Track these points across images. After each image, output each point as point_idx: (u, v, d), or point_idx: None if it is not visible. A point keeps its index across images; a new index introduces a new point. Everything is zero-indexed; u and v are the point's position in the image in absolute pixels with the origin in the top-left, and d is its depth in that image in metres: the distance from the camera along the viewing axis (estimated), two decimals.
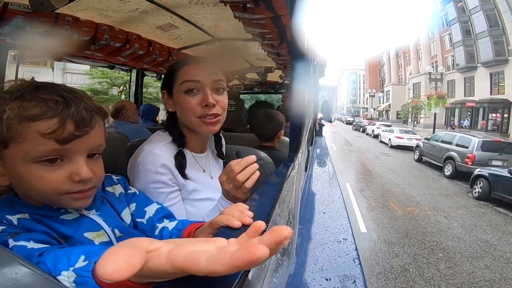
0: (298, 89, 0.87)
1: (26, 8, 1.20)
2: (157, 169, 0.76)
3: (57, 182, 0.47)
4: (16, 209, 0.48)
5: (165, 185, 0.78)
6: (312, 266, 0.52)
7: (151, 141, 0.83)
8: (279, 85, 3.61)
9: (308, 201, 0.97)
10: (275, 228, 0.22)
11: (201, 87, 0.80)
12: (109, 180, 0.66)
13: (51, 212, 0.51)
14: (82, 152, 0.50)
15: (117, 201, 0.64)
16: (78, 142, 0.48)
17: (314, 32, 0.96)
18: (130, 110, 2.44)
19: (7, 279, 0.23)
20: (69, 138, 0.47)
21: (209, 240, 0.26)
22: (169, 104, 0.86)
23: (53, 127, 0.45)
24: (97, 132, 0.53)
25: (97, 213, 0.57)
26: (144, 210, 0.66)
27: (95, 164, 0.53)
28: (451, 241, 4.57)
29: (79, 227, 0.53)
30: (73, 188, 0.49)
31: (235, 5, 1.15)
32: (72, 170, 0.49)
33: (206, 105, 0.80)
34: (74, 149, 0.48)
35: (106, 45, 1.73)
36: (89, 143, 0.51)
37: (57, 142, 0.46)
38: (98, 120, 0.53)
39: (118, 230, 0.58)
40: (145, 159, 0.77)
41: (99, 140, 0.54)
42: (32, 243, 0.42)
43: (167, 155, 0.79)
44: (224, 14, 1.57)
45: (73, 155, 0.49)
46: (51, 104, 0.46)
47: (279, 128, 1.64)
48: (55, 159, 0.47)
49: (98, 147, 0.54)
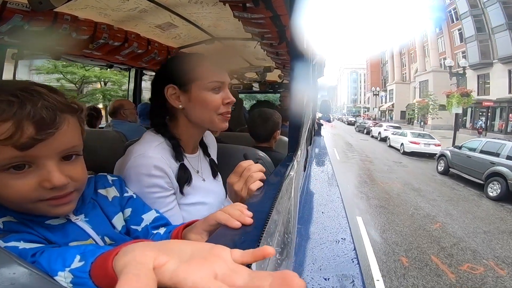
0: (297, 88, 0.87)
1: (25, 7, 1.19)
2: (152, 172, 0.71)
3: (26, 190, 0.43)
4: (2, 211, 0.45)
5: (161, 189, 0.73)
6: (311, 266, 0.52)
7: (142, 142, 0.77)
8: (278, 84, 3.61)
9: (307, 200, 0.97)
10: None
11: (223, 87, 0.82)
12: (103, 182, 0.62)
13: (35, 217, 0.47)
14: (51, 157, 0.44)
15: (109, 205, 0.60)
16: (43, 146, 0.43)
17: (313, 32, 0.96)
18: (128, 110, 2.43)
19: (5, 279, 0.23)
20: (29, 143, 0.41)
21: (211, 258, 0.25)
22: (178, 100, 0.79)
23: (8, 132, 0.39)
24: (67, 132, 0.46)
25: (85, 219, 0.53)
26: (141, 217, 0.62)
27: (73, 167, 0.48)
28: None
29: (65, 235, 0.49)
30: (46, 194, 0.44)
31: (235, 4, 1.15)
32: (42, 177, 0.44)
33: (228, 103, 0.82)
34: (40, 154, 0.43)
35: (105, 44, 1.72)
36: (57, 146, 0.45)
37: (16, 148, 0.40)
38: (66, 119, 0.46)
39: (108, 238, 0.55)
40: (137, 162, 0.71)
41: (72, 141, 0.48)
42: (22, 243, 0.41)
43: (161, 157, 0.73)
44: (223, 13, 1.56)
45: (40, 161, 0.43)
46: (3, 105, 0.40)
47: (275, 128, 1.61)
48: (21, 166, 0.42)
49: (72, 148, 0.48)
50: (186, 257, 0.26)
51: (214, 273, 0.23)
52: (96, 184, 0.60)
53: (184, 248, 0.27)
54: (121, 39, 1.77)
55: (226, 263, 0.25)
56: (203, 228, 0.53)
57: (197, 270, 0.23)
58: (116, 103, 2.50)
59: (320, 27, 1.14)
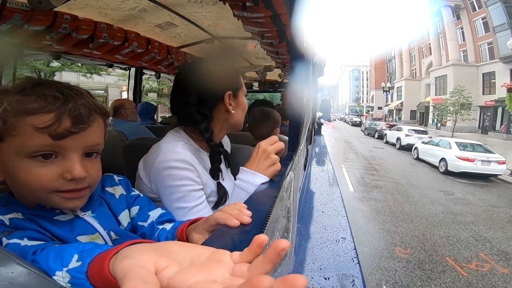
0: (297, 87, 0.86)
1: (24, 7, 1.19)
2: (183, 165, 0.74)
3: (48, 179, 0.46)
4: (9, 208, 0.48)
5: (193, 182, 0.75)
6: (311, 265, 0.52)
7: (168, 141, 0.81)
8: (278, 84, 3.61)
9: (307, 199, 0.97)
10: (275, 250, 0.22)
11: None
12: (110, 181, 0.65)
13: (45, 212, 0.50)
14: (77, 150, 0.49)
15: (116, 202, 0.62)
16: (74, 139, 0.47)
17: (313, 31, 0.96)
18: (128, 109, 2.44)
19: (3, 278, 0.23)
20: (64, 134, 0.46)
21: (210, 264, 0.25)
22: (231, 105, 0.86)
23: (49, 121, 0.44)
24: (95, 130, 0.52)
25: (92, 215, 0.56)
26: (148, 214, 0.64)
27: (92, 164, 0.52)
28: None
29: (73, 230, 0.51)
30: (64, 186, 0.48)
31: (235, 4, 1.15)
32: (65, 168, 0.47)
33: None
34: (69, 146, 0.47)
35: (105, 43, 1.72)
36: (85, 141, 0.49)
37: (51, 137, 0.45)
38: (96, 119, 0.52)
39: (114, 233, 0.57)
40: (167, 156, 0.74)
41: (97, 139, 0.52)
42: (26, 240, 0.42)
43: (190, 154, 0.77)
44: (223, 12, 1.56)
45: (67, 152, 0.48)
46: (50, 99, 0.45)
47: (275, 126, 1.63)
48: (49, 155, 0.46)
49: (95, 146, 0.52)
50: (186, 261, 0.26)
51: (212, 279, 0.23)
52: (103, 183, 0.62)
53: (184, 251, 0.27)
54: (121, 39, 1.77)
55: (227, 268, 0.25)
56: (204, 228, 0.54)
57: (194, 276, 0.23)
58: (116, 102, 2.50)
59: (321, 26, 1.13)
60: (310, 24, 0.86)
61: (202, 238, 0.53)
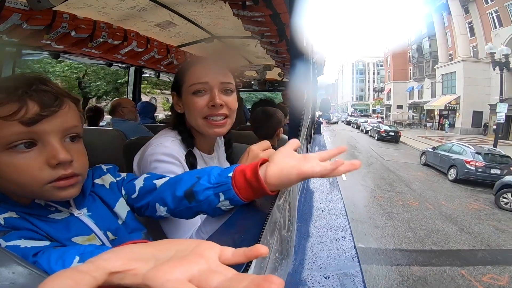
0: (297, 86, 0.86)
1: (23, 6, 1.19)
2: (169, 159, 0.75)
3: (34, 168, 0.46)
4: (3, 207, 0.47)
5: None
6: (311, 264, 0.52)
7: (160, 136, 0.82)
8: (278, 83, 3.60)
9: (307, 199, 0.97)
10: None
11: (209, 88, 0.79)
12: (98, 171, 0.64)
13: (39, 210, 0.50)
14: (55, 134, 0.48)
15: (109, 193, 0.61)
16: (47, 123, 0.47)
17: (313, 30, 0.96)
18: (126, 108, 2.43)
19: (4, 278, 0.23)
20: (35, 118, 0.45)
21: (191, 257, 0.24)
22: (178, 105, 0.85)
23: (14, 108, 0.44)
24: (68, 112, 0.51)
25: (88, 214, 0.55)
26: (133, 183, 0.62)
27: (76, 148, 0.51)
28: None
29: (68, 230, 0.51)
30: (54, 174, 0.47)
31: (234, 3, 1.14)
32: (48, 154, 0.47)
33: (213, 105, 0.79)
34: (45, 130, 0.47)
35: (104, 43, 1.72)
36: (60, 124, 0.49)
37: (22, 124, 0.44)
38: (66, 102, 0.51)
39: (111, 233, 0.56)
40: (156, 150, 0.75)
41: (73, 122, 0.51)
42: (23, 241, 0.42)
43: (179, 150, 0.78)
44: (223, 11, 1.56)
45: (45, 138, 0.47)
46: (11, 89, 0.45)
47: (278, 126, 1.62)
48: (29, 144, 0.46)
49: (73, 128, 0.51)
50: (167, 257, 0.25)
51: (189, 274, 0.22)
52: (93, 175, 0.62)
53: (168, 248, 0.26)
54: (120, 38, 1.77)
55: (208, 263, 0.24)
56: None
57: (169, 272, 0.22)
58: (114, 101, 2.50)
59: (321, 25, 1.13)
60: (310, 23, 0.85)
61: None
